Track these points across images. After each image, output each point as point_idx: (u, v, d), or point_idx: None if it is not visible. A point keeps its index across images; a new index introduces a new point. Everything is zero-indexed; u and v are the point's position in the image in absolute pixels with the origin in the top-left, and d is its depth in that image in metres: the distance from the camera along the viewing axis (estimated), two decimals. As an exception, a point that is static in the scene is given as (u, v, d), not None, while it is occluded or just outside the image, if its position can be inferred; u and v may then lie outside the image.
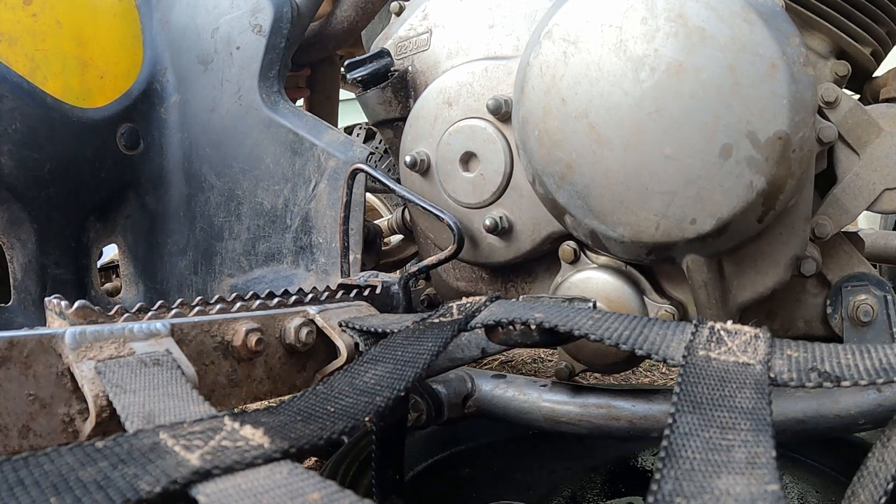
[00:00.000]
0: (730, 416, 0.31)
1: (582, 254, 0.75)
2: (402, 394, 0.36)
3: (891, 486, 0.31)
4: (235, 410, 0.33)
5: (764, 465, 0.26)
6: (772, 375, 0.33)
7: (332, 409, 0.34)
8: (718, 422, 0.30)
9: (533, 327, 0.47)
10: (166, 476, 0.24)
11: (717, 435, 0.29)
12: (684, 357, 0.35)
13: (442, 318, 0.48)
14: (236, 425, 0.30)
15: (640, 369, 1.77)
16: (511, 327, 0.49)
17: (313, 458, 1.08)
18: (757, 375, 0.34)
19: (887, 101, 0.75)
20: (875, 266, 1.05)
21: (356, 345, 0.55)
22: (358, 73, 0.82)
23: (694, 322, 0.39)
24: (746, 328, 0.37)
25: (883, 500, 0.31)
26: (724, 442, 0.28)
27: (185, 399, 0.35)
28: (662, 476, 0.26)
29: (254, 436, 0.29)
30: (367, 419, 0.34)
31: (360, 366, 0.41)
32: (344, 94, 1.49)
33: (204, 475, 0.25)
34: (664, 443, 0.29)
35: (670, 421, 0.30)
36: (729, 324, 0.38)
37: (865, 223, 2.26)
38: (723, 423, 0.30)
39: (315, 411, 0.34)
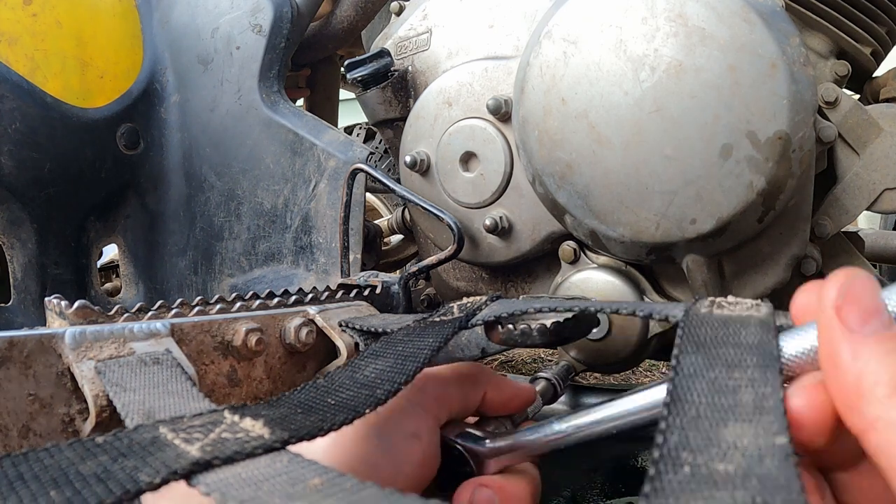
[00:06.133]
0: (735, 352, 0.30)
1: (582, 254, 0.75)
2: (403, 387, 0.36)
3: None
4: (235, 405, 0.33)
5: (771, 410, 0.26)
6: (777, 324, 0.33)
7: (333, 402, 0.34)
8: (724, 359, 0.29)
9: (533, 325, 0.47)
10: (166, 467, 0.24)
11: (722, 374, 0.28)
12: (685, 312, 0.34)
13: (443, 318, 0.48)
14: (236, 418, 0.30)
15: (640, 369, 1.78)
16: (511, 327, 0.49)
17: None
18: (762, 317, 0.33)
19: (887, 101, 0.75)
20: (875, 266, 1.05)
21: (356, 345, 0.55)
22: (358, 73, 0.82)
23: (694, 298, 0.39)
24: (746, 299, 0.37)
25: None
26: (730, 382, 0.27)
27: (186, 396, 0.35)
28: (668, 425, 0.25)
29: (254, 427, 0.29)
30: (367, 411, 0.34)
31: (361, 360, 0.41)
32: (344, 94, 1.49)
33: (204, 466, 0.25)
34: (669, 387, 0.28)
35: (674, 363, 0.29)
36: (729, 297, 0.38)
37: (865, 223, 2.26)
38: (728, 361, 0.29)
39: (315, 403, 0.34)
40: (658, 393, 0.36)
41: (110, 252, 1.32)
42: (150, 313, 0.51)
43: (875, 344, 0.26)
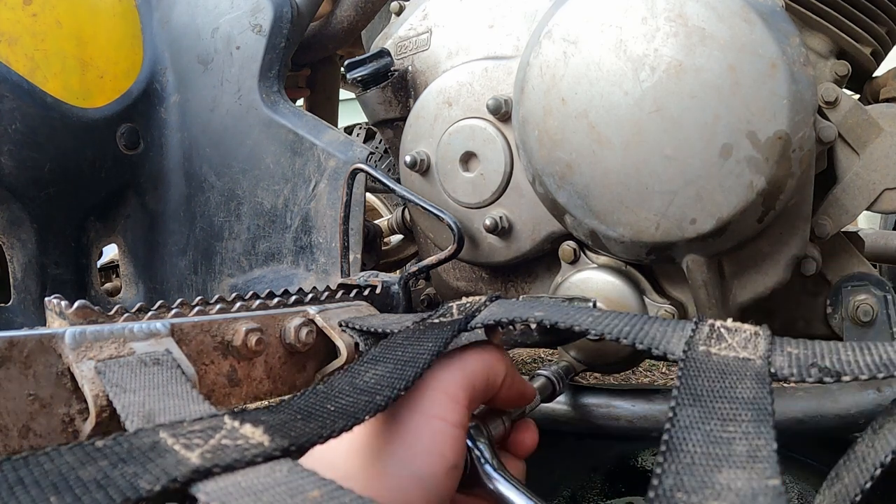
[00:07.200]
0: (730, 406, 0.30)
1: (582, 254, 0.75)
2: (403, 393, 0.36)
3: (878, 471, 0.31)
4: (235, 409, 0.33)
5: (765, 459, 0.26)
6: (772, 371, 0.33)
7: (333, 408, 0.34)
8: (719, 413, 0.30)
9: (533, 326, 0.47)
10: (166, 475, 0.24)
11: (717, 427, 0.29)
12: (684, 352, 0.35)
13: (442, 318, 0.48)
14: (236, 424, 0.30)
15: (640, 369, 1.78)
16: (511, 327, 0.49)
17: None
18: (757, 368, 0.33)
19: (887, 101, 0.75)
20: (875, 266, 1.05)
21: (356, 345, 0.55)
22: (358, 73, 0.82)
23: (694, 320, 0.39)
24: (746, 326, 0.37)
25: (868, 484, 0.31)
26: (724, 434, 0.28)
27: (185, 398, 0.35)
28: (663, 470, 0.26)
29: (253, 434, 0.29)
30: (367, 418, 0.34)
31: (361, 366, 0.41)
32: (344, 94, 1.49)
33: (204, 473, 0.25)
34: (665, 437, 0.28)
35: (671, 415, 0.30)
36: (729, 321, 0.38)
37: (865, 223, 2.26)
38: (723, 415, 0.30)
39: (315, 410, 0.34)
40: None
41: (110, 252, 1.32)
42: (150, 313, 0.51)
43: None
